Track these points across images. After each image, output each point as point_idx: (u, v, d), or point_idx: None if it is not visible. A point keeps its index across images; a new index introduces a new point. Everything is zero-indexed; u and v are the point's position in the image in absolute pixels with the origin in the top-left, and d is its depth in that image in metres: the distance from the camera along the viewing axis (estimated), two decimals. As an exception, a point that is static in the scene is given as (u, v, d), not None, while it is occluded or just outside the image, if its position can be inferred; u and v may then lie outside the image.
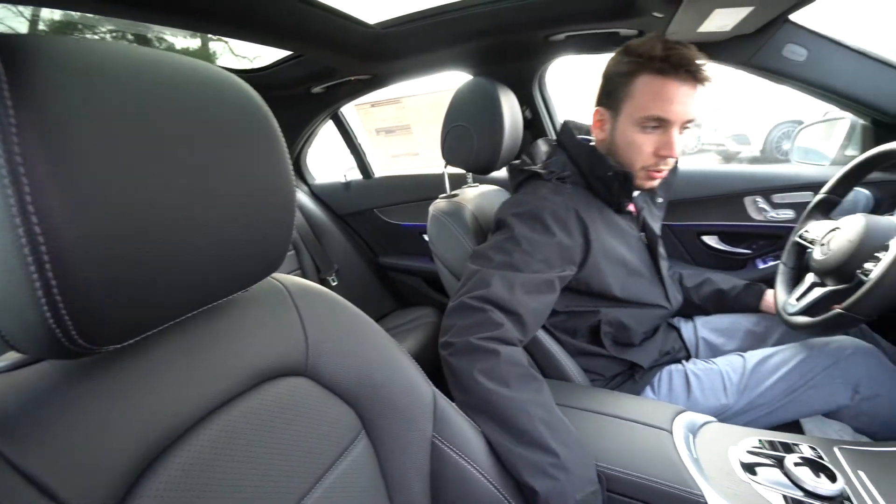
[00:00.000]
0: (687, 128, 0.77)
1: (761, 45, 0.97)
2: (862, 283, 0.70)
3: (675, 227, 1.31)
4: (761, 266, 1.23)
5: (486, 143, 0.91)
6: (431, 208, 0.99)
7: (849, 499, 0.56)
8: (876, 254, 0.71)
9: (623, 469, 0.62)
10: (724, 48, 1.02)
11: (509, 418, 0.61)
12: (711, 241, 1.29)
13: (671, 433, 0.65)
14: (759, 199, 1.19)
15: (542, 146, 0.93)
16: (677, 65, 0.71)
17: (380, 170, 1.90)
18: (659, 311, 0.90)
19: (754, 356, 0.87)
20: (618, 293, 0.84)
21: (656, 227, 0.93)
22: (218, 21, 0.90)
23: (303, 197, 1.84)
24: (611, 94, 0.79)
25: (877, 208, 1.01)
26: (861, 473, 0.60)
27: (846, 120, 1.11)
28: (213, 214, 0.32)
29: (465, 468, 0.58)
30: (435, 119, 1.01)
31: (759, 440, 0.67)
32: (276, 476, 0.41)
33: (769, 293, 1.00)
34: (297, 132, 1.79)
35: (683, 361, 0.92)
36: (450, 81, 1.58)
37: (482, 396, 0.63)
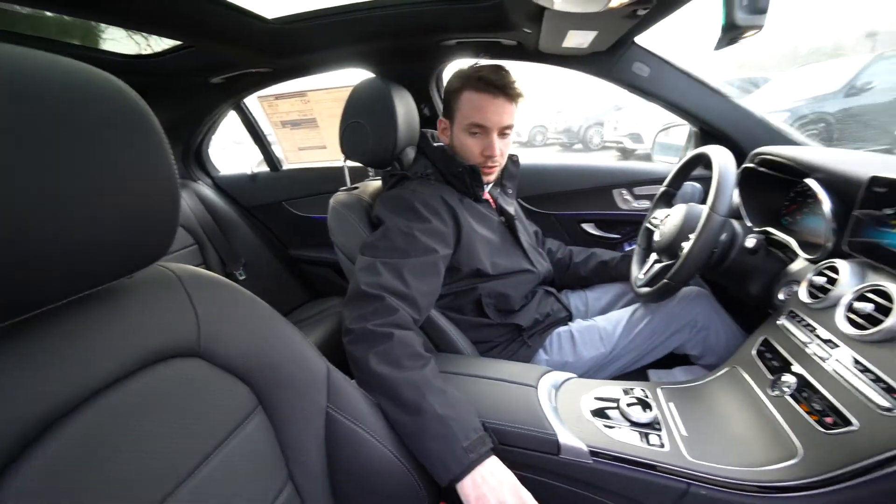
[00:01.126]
0: (506, 134, 0.97)
1: (616, 62, 1.16)
2: (678, 258, 0.89)
3: (560, 216, 1.49)
4: (627, 248, 1.45)
5: (381, 139, 0.97)
6: (332, 200, 1.04)
7: (658, 422, 0.72)
8: (690, 235, 0.90)
9: (497, 420, 0.73)
10: (590, 62, 1.20)
11: (400, 394, 0.69)
12: (589, 227, 1.49)
13: (536, 388, 0.78)
14: (624, 191, 1.40)
15: (409, 153, 1.09)
16: (489, 83, 0.90)
17: (292, 162, 1.89)
18: (528, 275, 1.06)
19: (625, 312, 1.05)
20: (489, 269, 0.98)
21: (511, 210, 1.10)
22: (101, 8, 0.86)
23: (205, 189, 1.77)
24: (448, 107, 0.98)
25: (704, 199, 1.26)
26: (671, 404, 0.77)
27: (686, 126, 1.35)
28: (85, 206, 0.34)
29: (357, 433, 0.65)
30: (340, 114, 1.05)
31: (607, 388, 0.82)
32: (167, 453, 0.44)
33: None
34: (197, 122, 1.71)
35: (569, 323, 1.08)
36: (355, 77, 1.61)
37: (376, 377, 0.70)
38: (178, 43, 1.26)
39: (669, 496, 0.65)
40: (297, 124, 1.77)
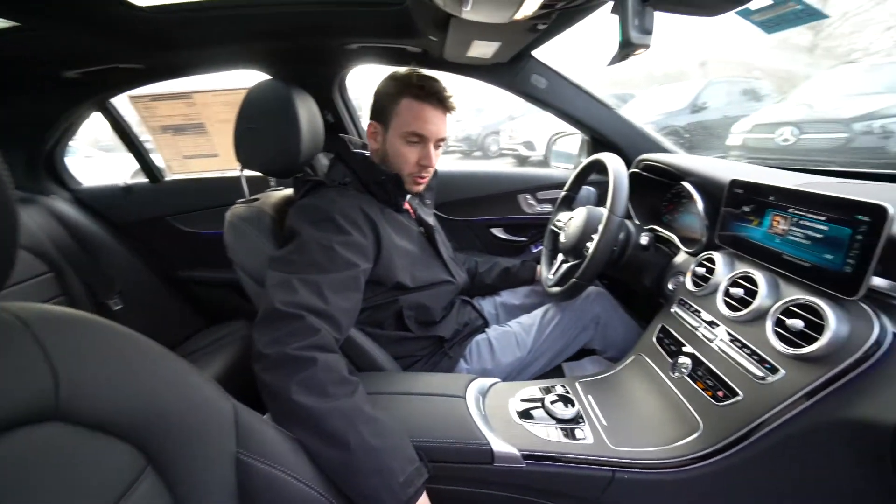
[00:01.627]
0: (440, 145, 0.96)
1: (516, 73, 1.22)
2: (584, 257, 0.95)
3: (472, 222, 1.53)
4: (535, 250, 1.53)
5: (282, 146, 0.89)
6: (228, 214, 0.93)
7: (581, 416, 0.76)
8: (593, 235, 0.97)
9: (430, 438, 0.70)
10: (492, 72, 1.25)
11: (327, 427, 0.61)
12: (498, 232, 1.55)
13: (464, 398, 0.77)
14: (528, 196, 1.48)
15: (322, 159, 1.03)
16: (430, 93, 0.89)
17: (176, 172, 1.66)
18: (448, 286, 1.06)
19: (536, 315, 1.10)
20: (409, 282, 0.96)
21: (430, 220, 1.10)
22: None
23: (62, 205, 1.47)
24: (381, 112, 0.93)
25: (599, 202, 1.38)
26: (590, 397, 0.82)
27: (579, 135, 1.47)
28: None
29: (277, 477, 0.57)
30: (233, 118, 0.94)
31: (530, 389, 0.84)
32: None
33: (538, 268, 1.26)
34: (46, 124, 1.42)
35: (486, 330, 1.09)
36: (248, 79, 1.48)
37: (299, 409, 0.62)
38: (7, 22, 1.03)
39: (598, 485, 0.68)
40: (181, 129, 1.56)
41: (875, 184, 0.79)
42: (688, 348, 0.77)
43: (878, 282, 0.56)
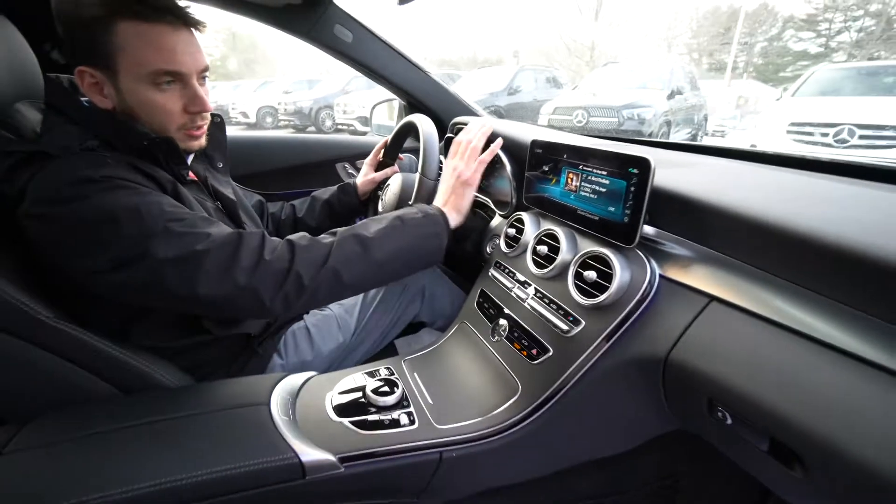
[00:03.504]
0: (205, 77, 0.72)
1: (315, 21, 1.06)
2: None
3: (287, 195, 1.33)
4: (359, 221, 1.43)
5: None
6: None
7: (406, 398, 0.70)
8: (409, 201, 0.91)
9: (224, 466, 0.55)
10: (287, 19, 1.05)
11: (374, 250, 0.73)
12: (318, 205, 1.39)
13: (268, 405, 0.63)
14: (346, 164, 1.35)
15: (27, 112, 0.68)
16: (161, 8, 0.63)
17: None
18: None
19: (369, 294, 0.98)
20: None
21: (228, 192, 0.87)
22: None
23: None
24: (91, 50, 0.63)
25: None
26: (416, 375, 0.76)
27: (397, 101, 1.39)
28: None
29: None
30: None
31: (353, 377, 0.75)
32: None
33: (360, 181, 1.13)
34: None
35: (304, 316, 0.94)
36: None
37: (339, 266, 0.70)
38: None
39: (426, 471, 0.63)
40: None
41: (646, 147, 0.91)
42: (506, 310, 0.77)
43: (647, 230, 0.62)
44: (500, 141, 0.89)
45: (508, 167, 0.89)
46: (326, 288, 0.69)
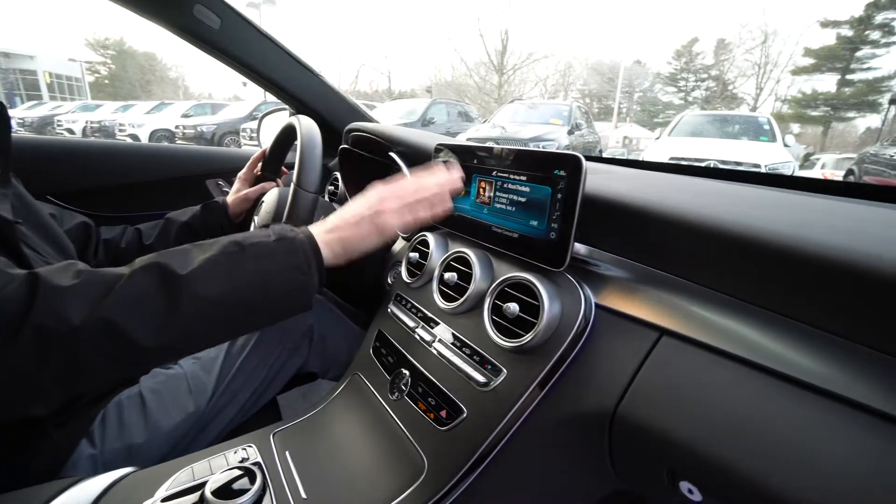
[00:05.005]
0: None
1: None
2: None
3: (136, 217, 1.04)
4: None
5: None
6: None
7: (268, 495, 0.48)
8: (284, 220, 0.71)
9: None
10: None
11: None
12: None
13: None
14: (220, 181, 1.11)
15: None
16: None
17: None
18: None
19: (221, 345, 0.74)
20: None
21: (5, 208, 0.59)
22: None
23: None
24: None
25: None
26: (287, 454, 0.55)
27: (288, 111, 1.19)
28: None
29: None
30: None
31: (191, 469, 0.52)
32: None
33: (230, 199, 0.91)
34: None
35: (141, 380, 0.67)
36: None
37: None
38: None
39: None
40: None
41: None
42: (408, 357, 0.60)
43: (578, 248, 0.50)
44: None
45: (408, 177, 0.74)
46: (103, 355, 0.43)
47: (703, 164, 4.64)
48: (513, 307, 0.47)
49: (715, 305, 0.38)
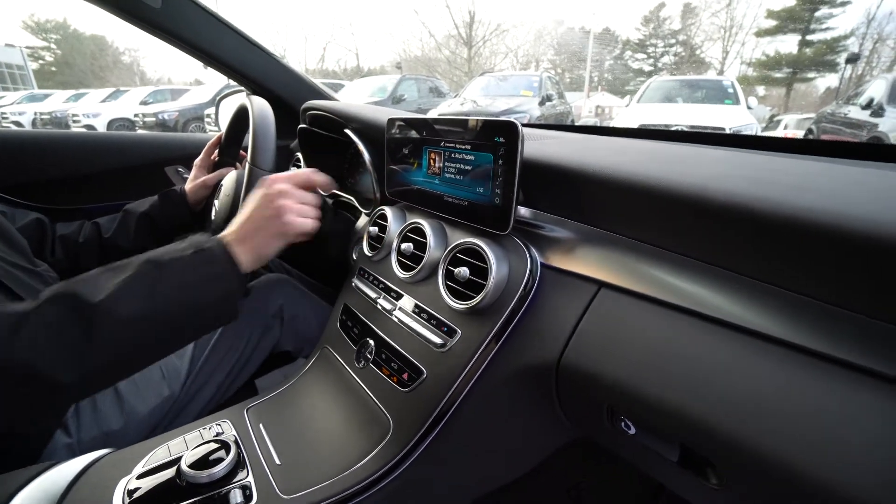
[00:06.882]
0: None
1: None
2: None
3: (90, 209, 1.01)
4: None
5: None
6: None
7: (243, 464, 0.51)
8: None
9: None
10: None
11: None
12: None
13: None
14: (180, 168, 1.08)
15: None
16: None
17: None
18: None
19: None
20: None
21: None
22: None
23: None
24: None
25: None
26: (261, 426, 0.57)
27: (244, 93, 1.16)
28: None
29: None
30: None
31: (167, 447, 0.53)
32: None
33: (188, 187, 0.90)
34: None
35: None
36: None
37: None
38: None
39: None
40: None
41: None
42: (373, 327, 0.62)
43: (522, 211, 0.52)
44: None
45: (367, 157, 0.75)
46: (19, 398, 0.42)
47: (669, 129, 4.73)
48: (463, 271, 0.50)
49: (648, 258, 0.41)
